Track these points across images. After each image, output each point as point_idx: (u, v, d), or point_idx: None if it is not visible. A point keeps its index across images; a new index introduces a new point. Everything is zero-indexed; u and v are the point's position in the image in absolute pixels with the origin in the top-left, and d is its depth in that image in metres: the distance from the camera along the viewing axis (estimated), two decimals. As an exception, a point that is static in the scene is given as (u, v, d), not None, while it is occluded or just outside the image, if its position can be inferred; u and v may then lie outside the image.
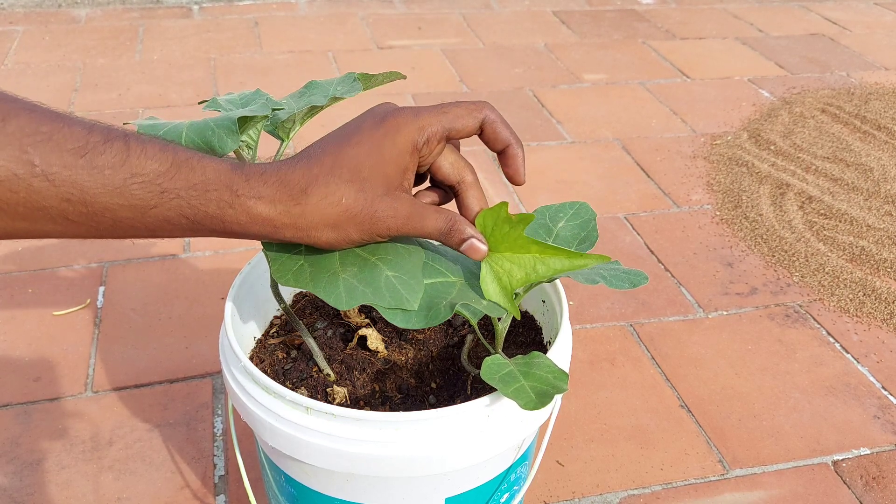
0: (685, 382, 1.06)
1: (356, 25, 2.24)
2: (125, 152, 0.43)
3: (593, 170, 1.55)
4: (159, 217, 0.45)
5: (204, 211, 0.45)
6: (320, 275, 0.52)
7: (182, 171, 0.45)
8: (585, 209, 0.66)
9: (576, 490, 0.90)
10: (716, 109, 1.83)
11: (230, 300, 0.65)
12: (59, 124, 0.42)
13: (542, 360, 0.58)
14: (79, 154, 0.41)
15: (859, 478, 0.93)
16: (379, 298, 0.51)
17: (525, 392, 0.53)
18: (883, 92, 1.93)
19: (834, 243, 1.36)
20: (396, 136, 0.50)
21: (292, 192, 0.47)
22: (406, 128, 0.50)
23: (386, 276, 0.52)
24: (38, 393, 1.00)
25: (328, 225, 0.49)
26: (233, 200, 0.46)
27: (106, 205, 0.43)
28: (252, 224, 0.47)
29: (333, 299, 0.50)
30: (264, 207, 0.47)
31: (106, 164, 0.42)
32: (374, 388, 0.65)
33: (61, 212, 0.42)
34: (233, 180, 0.46)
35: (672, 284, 1.25)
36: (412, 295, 0.52)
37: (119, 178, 0.42)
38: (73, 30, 2.13)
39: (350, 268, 0.52)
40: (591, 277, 0.57)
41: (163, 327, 1.11)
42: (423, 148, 0.51)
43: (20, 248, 1.27)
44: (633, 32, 2.27)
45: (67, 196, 0.41)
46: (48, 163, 0.40)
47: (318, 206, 0.48)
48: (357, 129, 0.51)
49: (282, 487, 0.65)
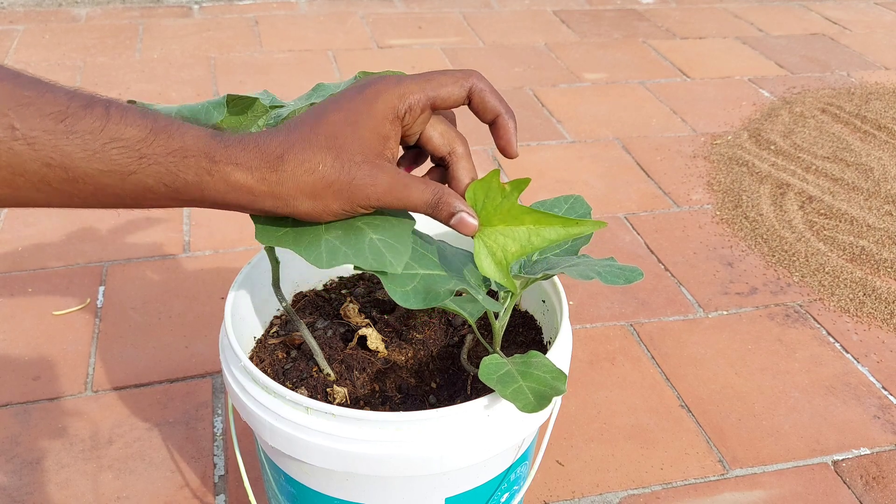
0: (685, 382, 1.06)
1: (356, 24, 2.24)
2: (105, 118, 0.43)
3: (593, 169, 1.55)
4: (139, 184, 0.44)
5: (183, 178, 0.45)
6: (303, 236, 0.50)
7: (160, 138, 0.44)
8: (580, 203, 0.66)
9: (576, 490, 0.90)
10: (716, 109, 1.83)
11: (230, 300, 0.65)
12: (41, 90, 0.42)
13: (541, 359, 0.57)
14: (59, 119, 0.41)
15: (859, 478, 0.93)
16: (361, 260, 0.49)
17: (523, 394, 0.53)
18: (883, 92, 1.93)
19: (834, 243, 1.36)
20: (375, 102, 0.49)
21: (269, 158, 0.47)
22: (386, 94, 0.49)
23: (370, 239, 0.50)
24: (37, 392, 1.00)
25: (306, 194, 0.47)
26: (210, 167, 0.45)
27: (86, 170, 0.42)
28: (230, 192, 0.46)
29: (314, 258, 0.49)
30: (241, 174, 0.46)
31: (86, 129, 0.42)
32: (374, 387, 0.65)
33: (42, 177, 0.42)
34: (211, 147, 0.46)
35: (672, 284, 1.24)
36: (396, 258, 0.50)
37: (98, 142, 0.42)
38: (73, 28, 2.13)
39: (335, 231, 0.51)
40: (585, 273, 0.56)
41: (162, 327, 1.11)
42: (404, 116, 0.50)
43: (20, 247, 1.26)
44: (633, 32, 2.27)
45: (48, 160, 0.41)
46: (29, 126, 0.41)
47: (295, 173, 0.47)
48: (338, 98, 0.50)
49: (282, 487, 0.65)
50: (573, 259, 0.60)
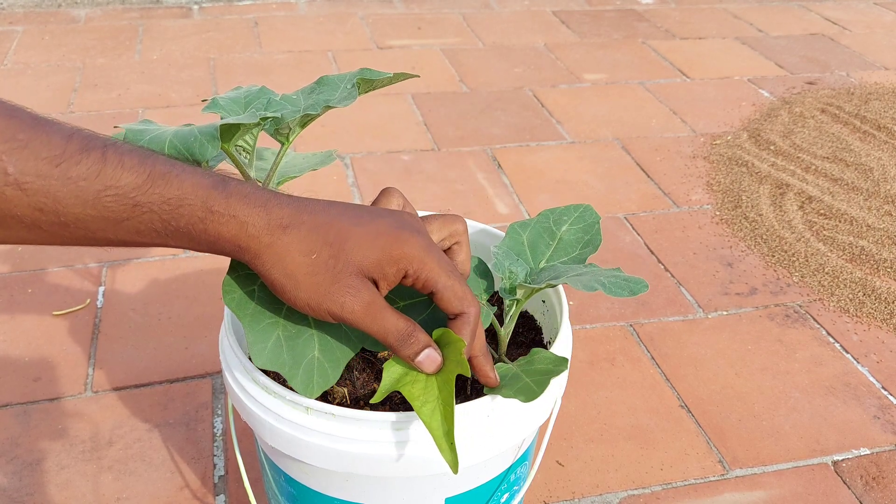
0: (685, 382, 1.06)
1: (356, 25, 2.24)
2: (101, 163, 0.42)
3: (593, 170, 1.55)
4: (131, 229, 0.44)
5: (174, 225, 0.45)
6: (260, 316, 0.51)
7: (158, 185, 0.44)
8: (590, 212, 0.66)
9: (576, 490, 0.90)
10: (716, 109, 1.83)
11: (230, 300, 0.65)
12: (37, 132, 0.41)
13: (542, 353, 0.58)
14: (54, 164, 0.41)
15: (859, 478, 0.93)
16: (291, 378, 0.51)
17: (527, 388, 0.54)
18: (883, 92, 1.93)
19: (834, 243, 1.36)
20: (401, 246, 0.48)
21: (271, 223, 0.46)
22: (409, 250, 0.48)
23: (312, 357, 0.51)
24: (37, 393, 1.00)
25: (285, 272, 0.47)
26: (205, 216, 0.45)
27: (78, 216, 0.42)
28: (219, 241, 0.46)
29: (256, 350, 0.50)
30: (235, 228, 0.46)
31: (81, 176, 0.42)
32: (374, 388, 0.65)
33: (34, 221, 0.42)
34: (210, 197, 0.45)
35: (672, 284, 1.25)
36: (321, 382, 0.51)
37: (93, 189, 0.42)
38: (73, 30, 2.13)
39: (290, 328, 0.52)
40: (590, 285, 0.56)
41: (162, 327, 1.11)
42: (407, 275, 0.49)
43: (20, 247, 1.26)
44: (632, 32, 2.27)
45: (40, 206, 0.41)
46: (22, 171, 0.40)
47: (288, 248, 0.47)
48: (367, 211, 0.50)
49: (282, 487, 0.65)
50: (580, 268, 0.60)
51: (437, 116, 1.72)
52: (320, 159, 0.70)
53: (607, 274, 0.59)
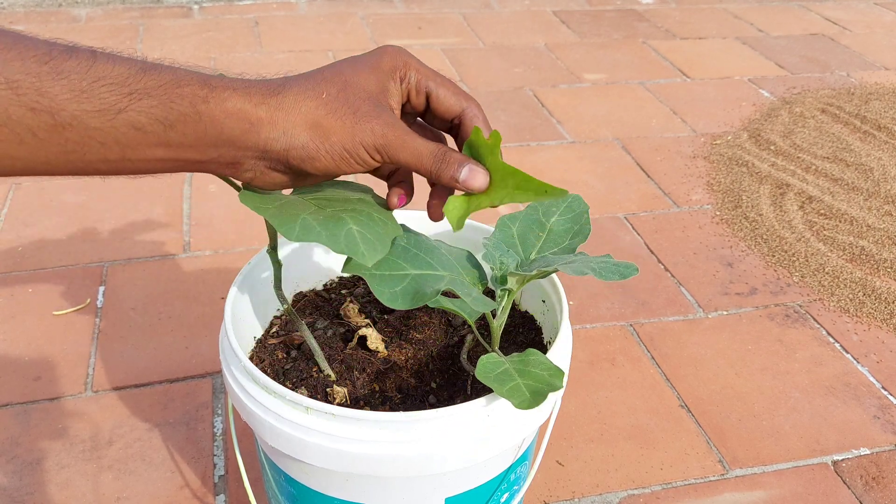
0: (685, 382, 1.06)
1: (356, 25, 2.24)
2: (91, 59, 0.41)
3: (593, 170, 1.55)
4: (129, 124, 0.42)
5: (176, 110, 0.42)
6: (286, 209, 0.49)
7: (151, 73, 0.43)
8: (578, 202, 0.66)
9: (576, 490, 0.90)
10: (716, 109, 1.83)
11: (230, 300, 0.65)
12: (20, 37, 0.40)
13: (538, 357, 0.57)
14: (43, 61, 0.40)
15: (859, 478, 0.93)
16: (333, 243, 0.47)
17: (520, 391, 0.53)
18: (883, 92, 1.93)
19: (834, 243, 1.36)
20: (382, 57, 0.49)
21: (269, 85, 0.45)
22: (391, 54, 0.49)
23: (349, 228, 0.49)
24: (37, 392, 1.00)
25: (307, 122, 0.45)
26: (207, 95, 0.43)
27: (73, 112, 0.40)
28: (226, 120, 0.44)
29: (285, 229, 0.47)
30: (239, 99, 0.44)
31: (72, 70, 0.40)
32: (374, 388, 0.65)
33: (27, 126, 0.40)
34: (206, 77, 0.44)
35: (672, 284, 1.25)
36: (370, 251, 0.48)
37: (85, 81, 0.40)
38: (74, 29, 2.13)
39: (317, 214, 0.49)
40: (580, 270, 0.56)
41: (163, 327, 1.11)
42: (405, 78, 0.49)
43: (20, 247, 1.27)
44: (633, 32, 2.27)
45: (33, 105, 0.39)
46: (11, 70, 0.39)
47: (298, 97, 0.45)
48: (343, 59, 0.50)
49: (282, 487, 0.65)
50: (570, 257, 0.60)
51: (437, 116, 1.71)
52: None
53: (597, 260, 0.59)
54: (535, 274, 0.58)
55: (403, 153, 0.47)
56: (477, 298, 0.54)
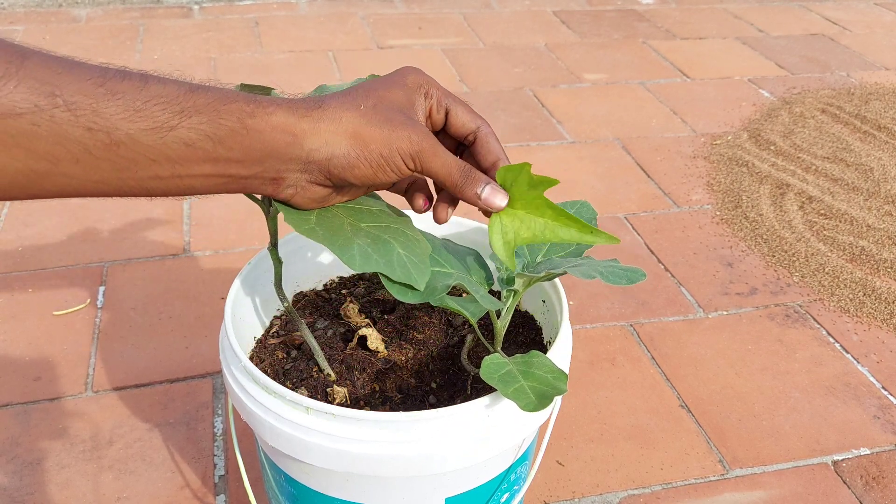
0: (685, 382, 1.06)
1: (356, 25, 2.24)
2: (143, 81, 0.44)
3: (593, 170, 1.55)
4: (180, 140, 0.44)
5: (225, 126, 0.45)
6: (335, 236, 0.52)
7: (199, 91, 0.45)
8: (587, 208, 0.66)
9: (576, 490, 0.90)
10: (716, 109, 1.83)
11: (230, 300, 0.65)
12: (75, 62, 0.42)
13: (542, 359, 0.58)
14: (98, 83, 0.42)
15: (859, 478, 0.94)
16: (391, 271, 0.51)
17: (525, 393, 0.53)
18: (883, 92, 1.93)
19: (834, 243, 1.36)
20: (406, 75, 0.53)
21: (310, 101, 0.49)
22: (415, 74, 0.53)
23: (398, 254, 0.52)
24: (38, 392, 1.00)
25: (348, 132, 0.48)
26: (253, 110, 0.46)
27: (127, 131, 0.42)
28: (272, 132, 0.47)
29: (347, 258, 0.50)
30: (284, 114, 0.47)
31: (126, 90, 0.43)
32: (374, 388, 0.65)
33: (83, 145, 0.42)
34: (250, 97, 0.47)
35: (672, 284, 1.25)
36: (420, 276, 0.52)
37: (139, 100, 0.43)
38: (74, 29, 2.13)
39: (364, 237, 0.52)
40: (588, 273, 0.56)
41: (163, 327, 1.11)
42: (429, 94, 0.53)
43: (20, 247, 1.27)
44: (633, 32, 2.27)
45: (89, 125, 0.41)
46: (70, 92, 0.41)
47: (337, 110, 0.48)
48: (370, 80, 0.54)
49: (282, 487, 0.65)
50: (577, 260, 0.61)
51: (437, 116, 1.71)
52: None
53: (605, 264, 0.59)
54: (543, 276, 0.58)
55: (435, 163, 0.51)
56: (485, 297, 0.55)
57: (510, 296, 0.62)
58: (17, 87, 0.39)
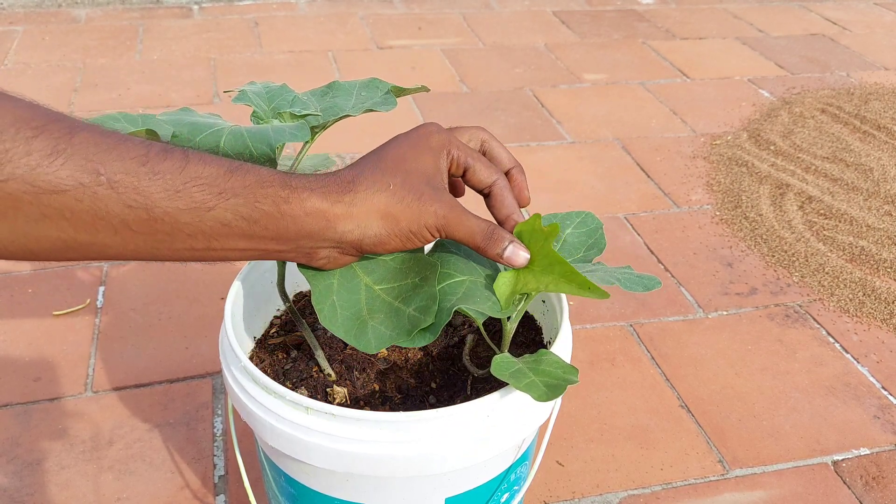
0: (685, 382, 1.06)
1: (356, 25, 2.24)
2: (184, 160, 0.45)
3: (593, 170, 1.55)
4: (217, 220, 0.46)
5: (260, 209, 0.47)
6: (351, 322, 0.54)
7: (238, 174, 0.47)
8: (591, 218, 0.67)
9: (576, 490, 0.90)
10: (716, 109, 1.83)
11: (230, 300, 0.65)
12: (121, 139, 0.44)
13: (550, 356, 0.58)
14: (141, 162, 0.43)
15: (859, 478, 0.94)
16: (403, 340, 0.53)
17: (536, 386, 0.54)
18: (883, 92, 1.93)
19: (834, 243, 1.36)
20: (430, 137, 0.54)
21: (342, 183, 0.50)
22: (439, 135, 0.55)
23: (409, 314, 0.54)
24: (38, 393, 1.00)
25: (379, 213, 0.50)
26: (288, 195, 0.48)
27: (166, 209, 0.44)
28: (306, 218, 0.48)
29: (363, 346, 0.53)
30: (317, 199, 0.49)
31: (167, 170, 0.44)
32: (374, 388, 0.65)
33: (123, 220, 0.43)
34: (286, 178, 0.48)
35: (672, 284, 1.25)
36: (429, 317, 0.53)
37: (179, 181, 0.44)
38: (73, 30, 2.13)
39: (378, 315, 0.54)
40: (606, 280, 0.58)
41: (163, 327, 1.11)
42: (450, 154, 0.55)
43: (20, 247, 1.26)
44: (633, 32, 2.27)
45: (130, 202, 0.43)
46: (113, 171, 0.42)
47: (368, 192, 0.50)
48: (397, 136, 0.55)
49: (282, 487, 0.65)
50: (589, 266, 0.61)
51: (437, 116, 1.71)
52: (318, 161, 0.70)
53: (620, 271, 0.60)
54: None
55: (459, 231, 0.53)
56: (495, 304, 0.56)
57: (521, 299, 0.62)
58: (63, 164, 0.40)
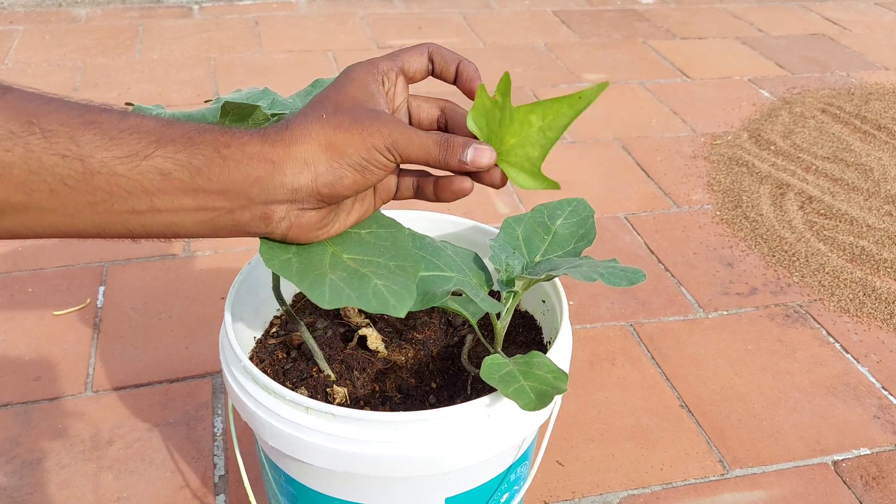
0: (685, 382, 1.06)
1: (356, 25, 2.24)
2: (123, 114, 0.44)
3: (593, 170, 1.55)
4: (155, 169, 0.44)
5: (201, 154, 0.45)
6: (307, 271, 0.50)
7: (176, 125, 0.45)
8: (583, 206, 0.66)
9: (576, 490, 0.90)
10: (716, 109, 1.83)
11: (230, 300, 0.65)
12: (59, 98, 0.43)
13: (542, 359, 0.58)
14: (77, 115, 0.42)
15: (859, 478, 0.93)
16: (365, 303, 0.49)
17: (525, 392, 0.53)
18: (883, 92, 1.93)
19: (834, 243, 1.36)
20: (352, 72, 0.53)
21: (277, 127, 0.48)
22: (359, 66, 0.53)
23: (375, 285, 0.50)
24: (37, 392, 1.00)
25: (321, 146, 0.47)
26: (228, 140, 0.46)
27: (101, 159, 0.42)
28: (250, 162, 0.46)
29: (316, 296, 0.48)
30: (257, 143, 0.46)
31: (104, 121, 0.43)
32: (374, 388, 0.65)
33: (58, 175, 0.41)
34: (224, 127, 0.47)
35: (672, 284, 1.25)
36: (400, 302, 0.49)
37: (115, 129, 0.43)
38: (73, 29, 2.13)
39: (339, 272, 0.50)
40: (588, 275, 0.56)
41: (163, 327, 1.11)
42: (382, 80, 0.53)
43: (20, 247, 1.26)
44: (633, 32, 2.27)
45: (64, 152, 0.41)
46: (47, 121, 0.41)
47: (302, 126, 0.48)
48: (321, 88, 0.54)
49: (282, 487, 0.65)
50: (576, 260, 0.60)
51: (437, 116, 1.71)
52: None
53: (605, 265, 0.59)
54: (543, 277, 0.58)
55: (411, 147, 0.49)
56: (485, 299, 0.54)
57: (510, 297, 0.62)
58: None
